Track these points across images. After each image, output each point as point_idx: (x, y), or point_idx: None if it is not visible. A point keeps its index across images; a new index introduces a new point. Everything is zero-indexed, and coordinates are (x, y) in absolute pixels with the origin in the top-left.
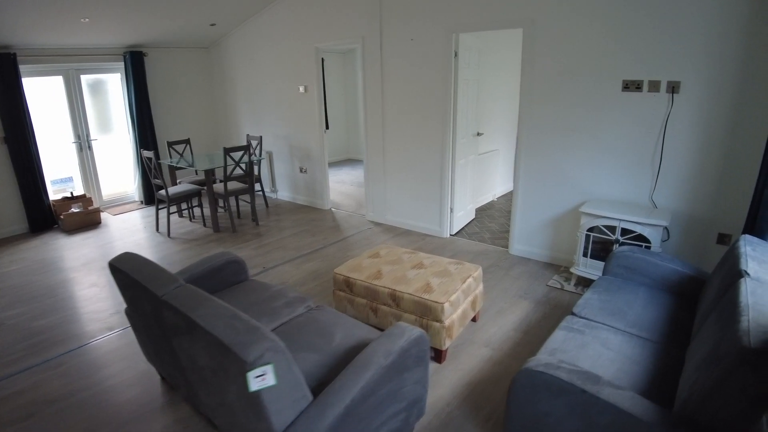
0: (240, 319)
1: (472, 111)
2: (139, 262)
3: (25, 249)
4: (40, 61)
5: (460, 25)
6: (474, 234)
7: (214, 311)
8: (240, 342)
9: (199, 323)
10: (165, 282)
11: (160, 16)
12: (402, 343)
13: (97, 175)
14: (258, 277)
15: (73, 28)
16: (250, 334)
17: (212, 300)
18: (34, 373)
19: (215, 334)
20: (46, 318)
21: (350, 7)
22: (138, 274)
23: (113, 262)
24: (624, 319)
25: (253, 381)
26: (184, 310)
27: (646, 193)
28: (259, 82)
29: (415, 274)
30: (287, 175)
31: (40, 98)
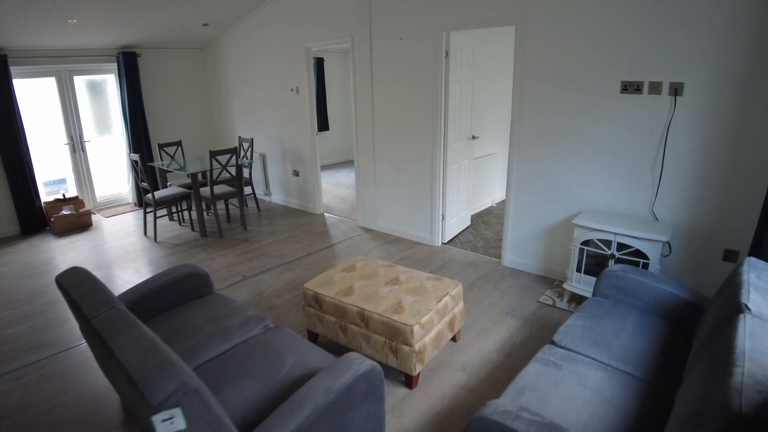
0: (156, 351)
1: (467, 114)
2: (81, 279)
3: (13, 251)
4: (31, 62)
5: (450, 24)
6: (467, 242)
7: (133, 340)
8: (148, 380)
9: (116, 353)
10: (98, 303)
11: (149, 15)
12: (346, 379)
13: (91, 177)
14: (229, 290)
15: (61, 29)
16: (161, 372)
17: (136, 326)
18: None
19: (126, 368)
20: (19, 325)
21: (339, 5)
22: (75, 293)
23: (58, 278)
24: (609, 350)
25: (159, 425)
26: (105, 337)
27: (646, 205)
28: (252, 83)
29: (388, 291)
30: (280, 178)
31: (32, 100)
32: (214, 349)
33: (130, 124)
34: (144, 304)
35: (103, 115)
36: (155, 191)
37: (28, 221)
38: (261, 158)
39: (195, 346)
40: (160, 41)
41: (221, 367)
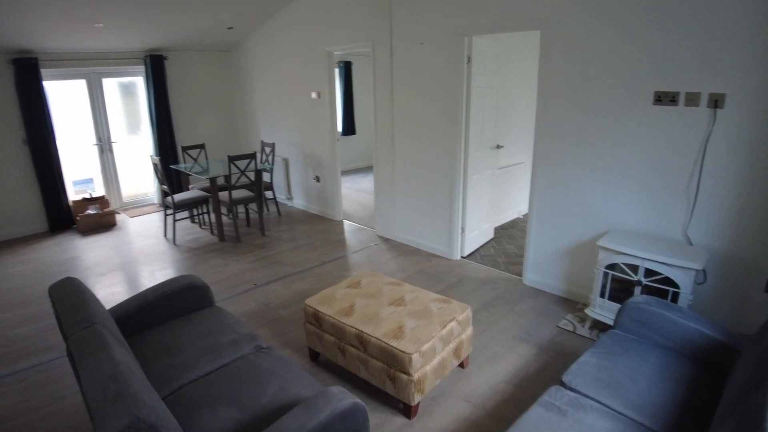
0: (117, 380)
1: (490, 121)
2: (69, 292)
3: (38, 249)
4: (61, 65)
5: (472, 28)
6: (487, 257)
7: (98, 366)
8: (101, 412)
9: (81, 377)
10: (77, 320)
11: (174, 18)
12: (322, 418)
13: (117, 177)
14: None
15: (89, 33)
16: (116, 404)
17: (106, 350)
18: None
19: (87, 396)
20: (28, 326)
21: (360, 9)
22: (59, 307)
23: (51, 288)
24: (623, 395)
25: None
26: (75, 358)
27: (679, 227)
28: (274, 88)
29: (390, 313)
30: (301, 183)
31: (63, 101)
32: (200, 368)
33: (156, 126)
34: (141, 315)
35: (133, 116)
36: (175, 194)
37: (55, 219)
38: (283, 163)
39: (182, 365)
40: (186, 44)
41: (204, 388)
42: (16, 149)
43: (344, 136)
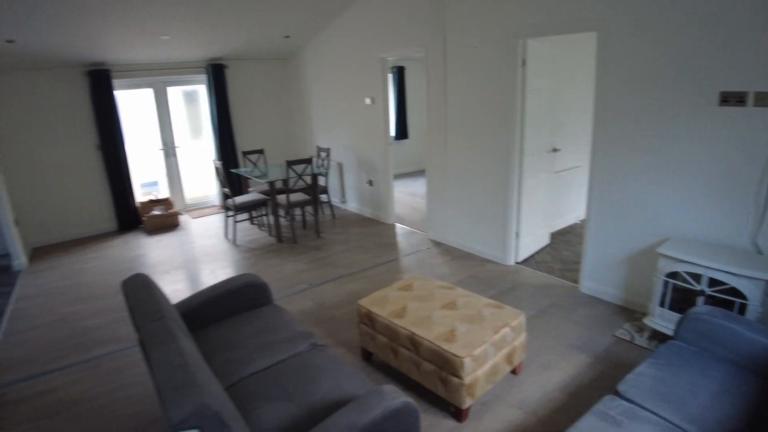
0: (185, 370)
1: (546, 125)
2: (140, 287)
3: (108, 246)
4: (131, 75)
5: (527, 30)
6: (543, 263)
7: (167, 357)
8: (171, 399)
9: (152, 365)
10: (148, 313)
11: (235, 29)
12: (374, 415)
13: (181, 180)
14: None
15: (156, 45)
16: (183, 392)
17: (175, 342)
18: (71, 371)
19: (157, 382)
20: (101, 317)
21: (414, 15)
22: (131, 301)
23: (123, 283)
24: (683, 409)
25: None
26: (147, 348)
27: (747, 235)
28: (330, 94)
29: (442, 316)
30: (355, 187)
31: (132, 109)
32: (257, 363)
33: (218, 132)
34: (204, 310)
35: (195, 122)
36: (235, 197)
37: (124, 219)
38: (338, 167)
39: (241, 358)
40: (245, 53)
41: (261, 382)
42: (91, 154)
43: (396, 140)
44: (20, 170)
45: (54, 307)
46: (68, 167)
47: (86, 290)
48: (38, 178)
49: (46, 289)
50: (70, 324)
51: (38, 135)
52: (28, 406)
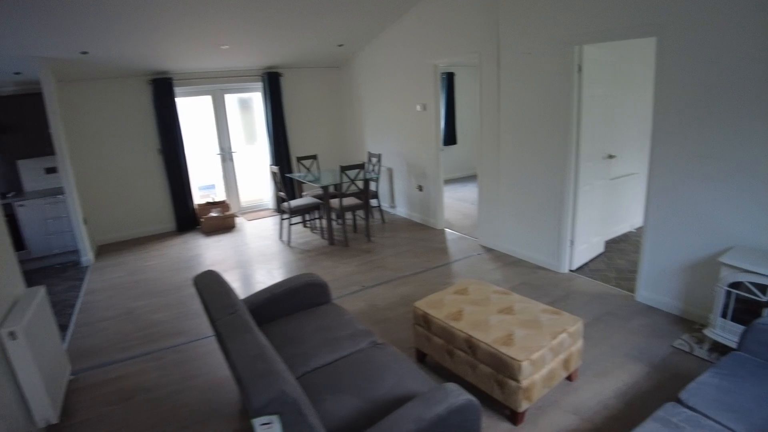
0: (264, 359)
1: (602, 131)
2: (213, 282)
3: (168, 246)
4: (191, 83)
5: (583, 36)
6: (597, 271)
7: (245, 347)
8: (252, 386)
9: (231, 355)
10: (223, 306)
11: (290, 38)
12: (440, 410)
13: (237, 184)
14: (347, 298)
15: (216, 55)
16: (264, 380)
17: (251, 333)
18: (141, 361)
19: (237, 371)
20: (164, 312)
21: (467, 22)
22: (206, 294)
23: (195, 279)
24: (747, 420)
25: (258, 427)
26: (224, 339)
27: None
28: (381, 101)
29: (499, 321)
30: (405, 192)
31: (191, 115)
32: (321, 358)
33: (273, 138)
34: (267, 307)
35: (250, 128)
36: (291, 200)
37: (182, 220)
38: (388, 172)
39: (305, 353)
40: (300, 61)
41: (325, 376)
42: (152, 158)
43: (445, 146)
44: (88, 172)
45: (121, 301)
46: (132, 170)
47: (150, 286)
48: (104, 180)
49: (113, 284)
50: (136, 317)
51: (105, 140)
52: (102, 391)
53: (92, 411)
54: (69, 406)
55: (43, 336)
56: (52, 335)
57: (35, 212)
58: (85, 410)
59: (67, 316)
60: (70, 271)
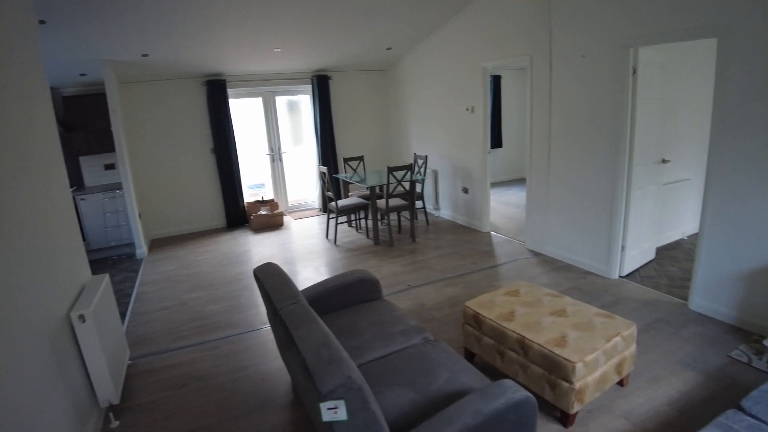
0: (329, 347)
1: (655, 135)
2: (274, 273)
3: (219, 241)
4: (243, 85)
5: (639, 38)
6: (648, 278)
7: (310, 334)
8: (320, 371)
9: (296, 342)
10: (286, 296)
11: (340, 42)
12: (497, 404)
13: (285, 183)
14: (394, 296)
15: (268, 57)
16: (331, 366)
17: (315, 322)
18: (194, 350)
19: (303, 357)
20: (217, 304)
21: (518, 24)
22: (268, 285)
23: (256, 270)
24: None
25: (324, 412)
26: (289, 327)
27: None
28: (428, 103)
29: (551, 322)
30: (449, 194)
31: (243, 116)
32: (375, 351)
33: (320, 139)
34: (321, 300)
35: (298, 130)
36: (338, 200)
37: (232, 217)
38: (433, 174)
39: (359, 346)
40: (348, 64)
41: (380, 369)
42: (205, 157)
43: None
44: (145, 169)
45: (174, 292)
46: (185, 168)
47: (202, 279)
48: (159, 177)
49: (167, 276)
50: (189, 308)
51: (161, 138)
52: (157, 377)
53: (149, 395)
54: (128, 389)
55: (107, 321)
56: (114, 320)
57: (94, 206)
58: (142, 394)
59: (124, 305)
60: (126, 263)
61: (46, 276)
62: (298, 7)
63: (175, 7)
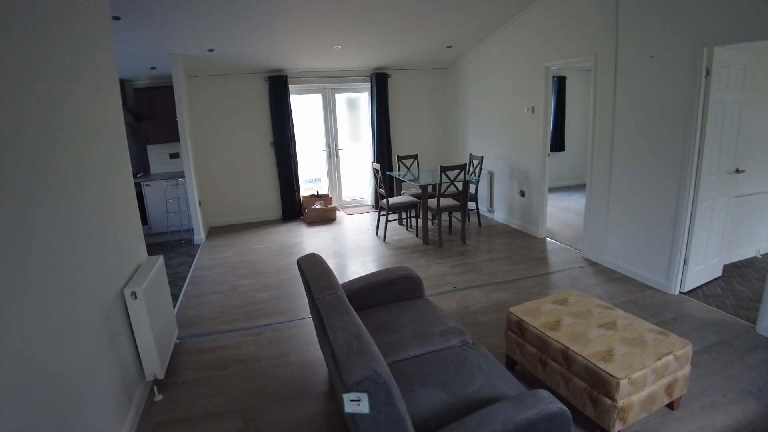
0: (360, 339)
1: (730, 142)
2: (316, 264)
3: (274, 232)
4: (304, 81)
5: (714, 37)
6: (712, 297)
7: (343, 325)
8: (347, 362)
9: (327, 331)
10: (325, 287)
11: (400, 39)
12: (529, 415)
13: (340, 179)
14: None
15: (328, 55)
16: (359, 358)
17: (349, 314)
18: (240, 334)
19: (333, 346)
20: (266, 292)
21: (583, 23)
22: (309, 275)
23: (299, 260)
24: None
25: (348, 403)
26: (323, 316)
27: None
28: (486, 102)
29: (599, 335)
30: (504, 197)
31: (303, 111)
32: (412, 349)
33: (376, 136)
34: (362, 295)
35: (355, 127)
36: (390, 197)
37: (288, 210)
38: (488, 175)
39: (396, 342)
40: (408, 63)
41: (415, 368)
42: (265, 150)
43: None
44: (206, 159)
45: (227, 278)
46: (245, 160)
47: (255, 267)
48: (219, 167)
49: (221, 262)
50: (240, 294)
51: (223, 130)
52: (202, 357)
53: (193, 373)
54: (173, 366)
55: (158, 299)
56: (165, 300)
57: (158, 192)
58: (187, 372)
59: (178, 288)
60: (184, 248)
61: (105, 253)
62: (359, 5)
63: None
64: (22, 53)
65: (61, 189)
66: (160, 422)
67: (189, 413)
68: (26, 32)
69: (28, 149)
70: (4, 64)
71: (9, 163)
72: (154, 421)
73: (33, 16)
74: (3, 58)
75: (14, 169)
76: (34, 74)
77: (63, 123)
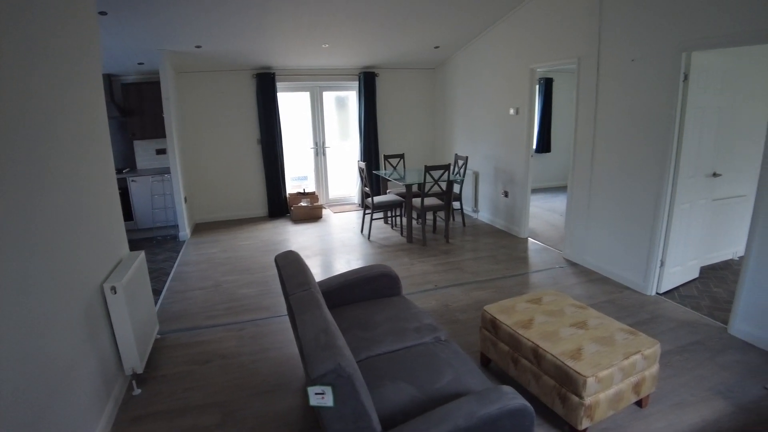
0: (327, 333)
1: (708, 146)
2: (293, 261)
3: (260, 229)
4: (292, 79)
5: (695, 42)
6: (688, 298)
7: (313, 320)
8: (313, 355)
9: (297, 325)
10: (298, 284)
11: (388, 39)
12: (492, 410)
13: (327, 177)
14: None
15: (316, 53)
16: (325, 351)
17: (320, 309)
18: (223, 330)
19: (302, 340)
20: (250, 288)
21: (567, 26)
22: (285, 271)
23: (277, 257)
24: None
25: (312, 396)
26: (295, 311)
27: None
28: (473, 103)
29: (570, 334)
30: (489, 197)
31: (290, 109)
32: (386, 345)
33: (364, 135)
34: (341, 292)
35: (343, 125)
36: (374, 196)
37: (274, 207)
38: (473, 175)
39: (371, 338)
40: (396, 62)
41: (387, 363)
42: (251, 147)
43: (538, 153)
44: (193, 155)
45: (211, 274)
46: (232, 157)
47: (239, 264)
48: (206, 164)
49: (206, 259)
50: (223, 290)
51: (211, 127)
52: (183, 352)
53: (173, 368)
54: (153, 360)
55: (139, 294)
56: (146, 295)
57: (144, 188)
58: (167, 366)
59: (162, 283)
60: (169, 244)
61: (85, 248)
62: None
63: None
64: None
65: (40, 183)
66: (138, 416)
67: (168, 407)
68: (5, 23)
69: (3, 143)
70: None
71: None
72: (132, 414)
73: (14, 8)
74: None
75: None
76: (12, 67)
77: (43, 117)
